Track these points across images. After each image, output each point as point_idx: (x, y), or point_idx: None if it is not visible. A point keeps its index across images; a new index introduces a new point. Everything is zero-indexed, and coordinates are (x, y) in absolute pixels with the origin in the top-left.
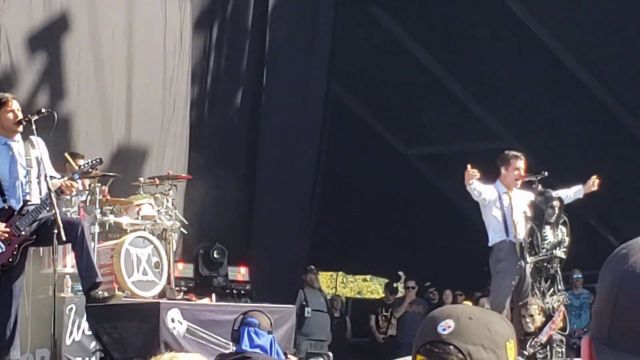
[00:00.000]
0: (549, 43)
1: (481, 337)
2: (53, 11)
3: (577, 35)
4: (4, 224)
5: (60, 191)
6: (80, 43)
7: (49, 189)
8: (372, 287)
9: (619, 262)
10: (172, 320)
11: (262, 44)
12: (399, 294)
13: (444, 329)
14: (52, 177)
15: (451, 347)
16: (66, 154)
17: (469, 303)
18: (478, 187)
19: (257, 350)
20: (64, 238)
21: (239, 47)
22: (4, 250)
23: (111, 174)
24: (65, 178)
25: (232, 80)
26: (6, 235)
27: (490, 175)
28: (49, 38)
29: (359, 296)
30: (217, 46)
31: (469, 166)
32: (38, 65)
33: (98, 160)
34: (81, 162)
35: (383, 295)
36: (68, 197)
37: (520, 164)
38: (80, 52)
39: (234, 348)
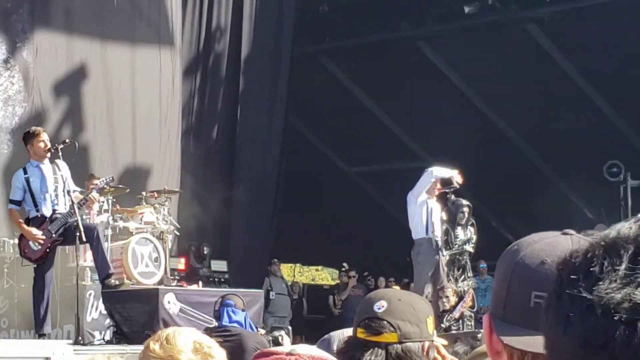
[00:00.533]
0: (464, 89)
1: (408, 314)
2: (74, 64)
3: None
4: (40, 230)
5: (83, 202)
6: (95, 88)
7: (72, 200)
8: (322, 275)
9: (511, 256)
10: (168, 302)
11: (235, 88)
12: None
13: (379, 308)
14: (74, 191)
15: (385, 322)
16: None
17: (397, 287)
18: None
19: (235, 324)
20: (84, 239)
21: (217, 90)
22: (38, 249)
23: (121, 186)
24: (87, 193)
25: (212, 117)
26: (41, 239)
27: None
28: (71, 84)
29: (312, 282)
30: (200, 90)
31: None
32: (62, 106)
33: (111, 178)
34: (96, 181)
35: (337, 281)
36: (91, 208)
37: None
38: (95, 95)
39: (217, 323)
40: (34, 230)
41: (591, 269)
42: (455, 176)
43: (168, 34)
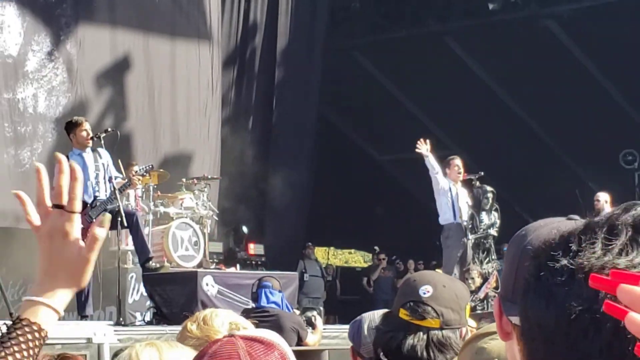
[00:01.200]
0: (487, 81)
1: (451, 301)
2: (117, 55)
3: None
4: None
5: (125, 187)
6: (137, 79)
7: (113, 187)
8: (355, 258)
9: (519, 240)
10: (207, 285)
11: (271, 81)
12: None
13: (425, 293)
14: (116, 178)
15: (429, 307)
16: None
17: (439, 271)
18: (432, 162)
19: (272, 305)
20: (125, 224)
21: (253, 83)
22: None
23: (162, 170)
24: (133, 173)
25: (248, 107)
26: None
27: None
28: (113, 75)
29: (346, 265)
30: (238, 82)
31: (420, 141)
32: (105, 96)
33: (150, 166)
34: (136, 168)
35: (369, 264)
36: (133, 190)
37: (458, 162)
38: (138, 86)
39: (254, 305)
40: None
41: (570, 245)
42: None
43: (206, 28)
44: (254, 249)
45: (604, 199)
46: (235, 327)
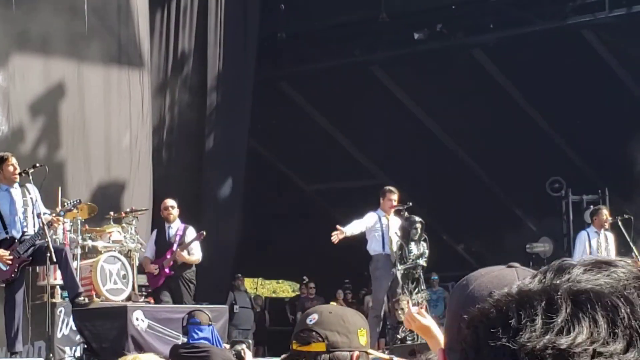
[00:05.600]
0: (414, 110)
1: (337, 325)
2: (51, 83)
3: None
4: (7, 251)
5: (49, 224)
6: (71, 108)
7: (42, 222)
8: (283, 288)
9: (462, 290)
10: (137, 319)
11: (203, 109)
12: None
13: (310, 320)
14: (44, 213)
15: (313, 332)
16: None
17: (334, 304)
18: (353, 228)
19: (203, 341)
20: (54, 259)
21: (184, 112)
22: (6, 269)
23: (89, 204)
24: (54, 215)
25: (182, 135)
26: (9, 259)
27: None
28: (48, 104)
29: (274, 295)
30: (170, 111)
31: (334, 234)
32: (39, 126)
33: (78, 201)
34: (67, 202)
35: (298, 293)
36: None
37: (394, 196)
38: (71, 114)
39: (184, 340)
40: (1, 252)
41: (509, 322)
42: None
43: (137, 57)
44: None
45: (605, 213)
46: None
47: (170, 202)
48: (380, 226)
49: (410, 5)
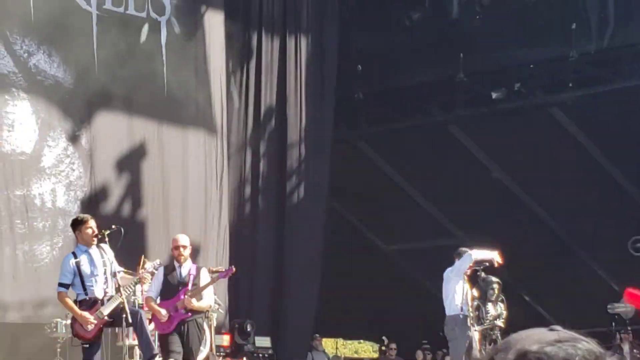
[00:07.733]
0: (493, 169)
1: None
2: (134, 143)
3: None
4: (89, 313)
5: (139, 281)
6: (152, 167)
7: (117, 283)
8: (365, 348)
9: (502, 355)
10: None
11: (283, 168)
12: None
13: None
14: (119, 272)
15: None
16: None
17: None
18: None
19: None
20: (130, 321)
21: (266, 171)
22: (89, 330)
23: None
24: (143, 273)
25: (265, 205)
26: (93, 322)
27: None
28: (130, 164)
29: (356, 355)
30: (252, 174)
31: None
32: (121, 185)
33: (158, 262)
34: (148, 264)
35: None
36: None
37: None
38: (152, 174)
39: None
40: (85, 314)
41: None
42: (496, 257)
43: (212, 119)
44: (260, 341)
45: None
46: None
47: (182, 240)
48: (462, 286)
49: (488, 64)
